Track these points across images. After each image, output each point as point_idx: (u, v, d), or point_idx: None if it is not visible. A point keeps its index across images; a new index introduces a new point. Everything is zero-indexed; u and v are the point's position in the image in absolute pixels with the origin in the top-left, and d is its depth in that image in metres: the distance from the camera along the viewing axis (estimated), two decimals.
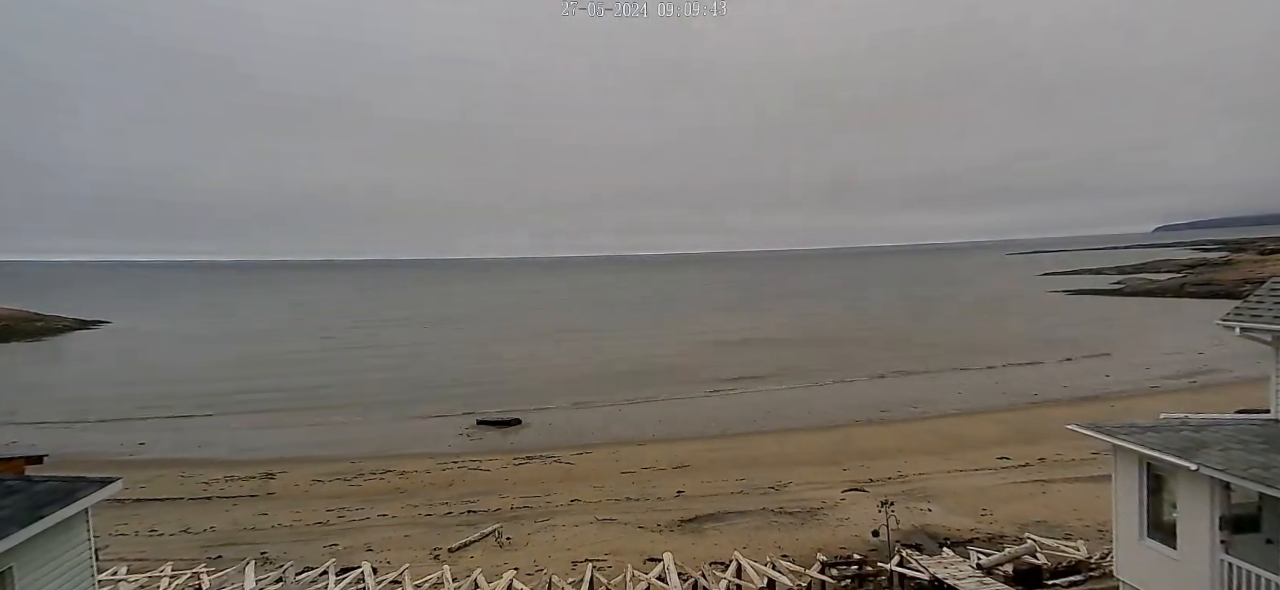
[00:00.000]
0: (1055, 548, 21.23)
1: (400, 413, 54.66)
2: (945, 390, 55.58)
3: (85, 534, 11.82)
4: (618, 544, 24.73)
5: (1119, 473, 14.87)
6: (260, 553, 25.05)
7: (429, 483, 36.24)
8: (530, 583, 21.02)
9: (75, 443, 45.76)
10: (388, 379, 69.28)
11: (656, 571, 21.00)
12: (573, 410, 54.00)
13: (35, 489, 11.35)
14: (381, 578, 21.69)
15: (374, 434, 48.36)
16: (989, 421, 44.60)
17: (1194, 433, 13.92)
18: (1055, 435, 35.37)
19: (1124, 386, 53.17)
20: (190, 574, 22.00)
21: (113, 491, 11.94)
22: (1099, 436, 14.89)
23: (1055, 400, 49.93)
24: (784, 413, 50.90)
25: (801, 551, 22.68)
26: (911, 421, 46.56)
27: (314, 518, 30.41)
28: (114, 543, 26.13)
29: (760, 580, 19.78)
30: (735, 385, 61.88)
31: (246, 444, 46.48)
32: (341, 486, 35.93)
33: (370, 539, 26.51)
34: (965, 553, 21.42)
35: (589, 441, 44.30)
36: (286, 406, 57.67)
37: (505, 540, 25.71)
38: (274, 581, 21.79)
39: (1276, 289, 14.39)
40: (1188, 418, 15.61)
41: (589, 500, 31.22)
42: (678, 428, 47.85)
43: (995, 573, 19.57)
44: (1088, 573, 19.41)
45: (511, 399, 57.26)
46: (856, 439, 41.95)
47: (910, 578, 19.70)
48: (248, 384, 67.44)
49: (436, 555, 24.29)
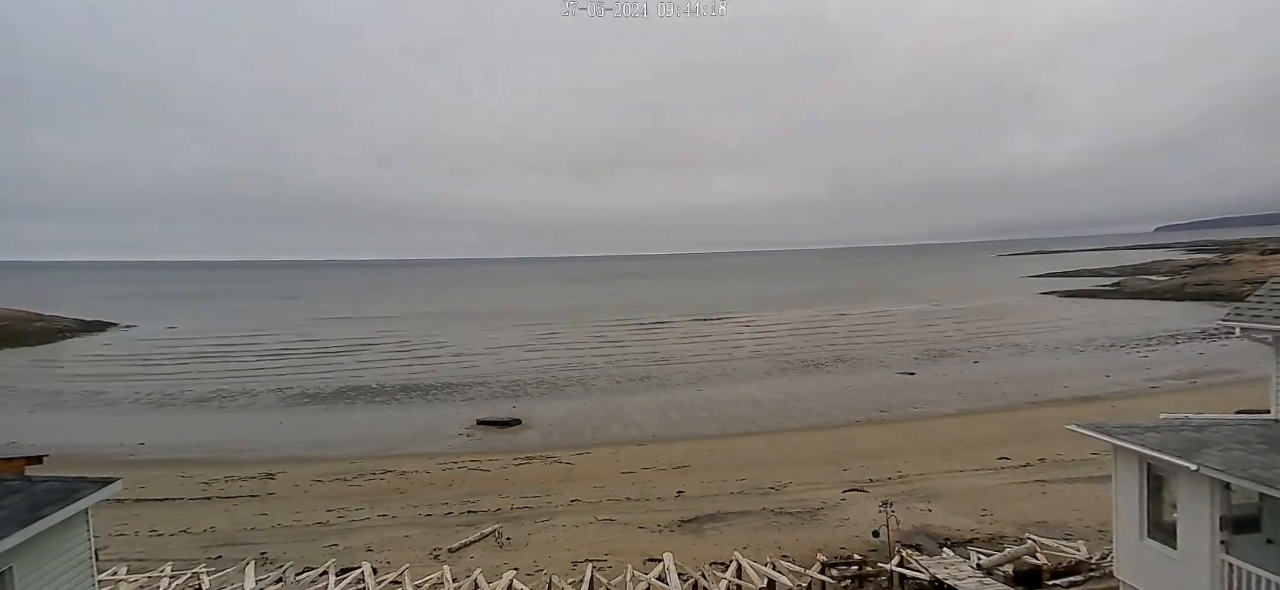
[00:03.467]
0: (1055, 548, 21.21)
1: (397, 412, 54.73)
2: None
3: (85, 534, 11.83)
4: (618, 544, 24.73)
5: (1119, 473, 14.88)
6: (260, 553, 25.03)
7: (429, 483, 36.24)
8: (530, 583, 21.01)
9: (75, 443, 45.74)
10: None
11: (656, 571, 20.99)
12: (573, 410, 54.02)
13: (35, 489, 11.35)
14: (381, 578, 21.67)
15: (374, 434, 48.37)
16: (989, 421, 44.60)
17: (1194, 433, 13.93)
18: (1055, 435, 35.36)
19: (1124, 386, 53.19)
20: (190, 574, 21.99)
21: (113, 491, 11.94)
22: (1099, 436, 14.90)
23: (1055, 400, 49.92)
24: (784, 413, 50.93)
25: (801, 552, 22.67)
26: (911, 421, 46.57)
27: (314, 518, 30.39)
28: (114, 543, 26.14)
29: (760, 580, 19.77)
30: (733, 383, 62.05)
31: (247, 444, 46.50)
32: (341, 486, 35.93)
33: (370, 539, 26.49)
34: (965, 553, 21.42)
35: (589, 441, 44.33)
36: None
37: (505, 540, 25.70)
38: (274, 581, 21.78)
39: (1276, 289, 14.40)
40: (1188, 418, 15.62)
41: (589, 500, 31.22)
42: (678, 428, 47.87)
43: (995, 573, 19.57)
44: (1088, 573, 19.41)
45: (511, 399, 57.30)
46: (856, 439, 41.94)
47: (910, 578, 19.69)
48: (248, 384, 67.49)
49: (436, 555, 24.28)
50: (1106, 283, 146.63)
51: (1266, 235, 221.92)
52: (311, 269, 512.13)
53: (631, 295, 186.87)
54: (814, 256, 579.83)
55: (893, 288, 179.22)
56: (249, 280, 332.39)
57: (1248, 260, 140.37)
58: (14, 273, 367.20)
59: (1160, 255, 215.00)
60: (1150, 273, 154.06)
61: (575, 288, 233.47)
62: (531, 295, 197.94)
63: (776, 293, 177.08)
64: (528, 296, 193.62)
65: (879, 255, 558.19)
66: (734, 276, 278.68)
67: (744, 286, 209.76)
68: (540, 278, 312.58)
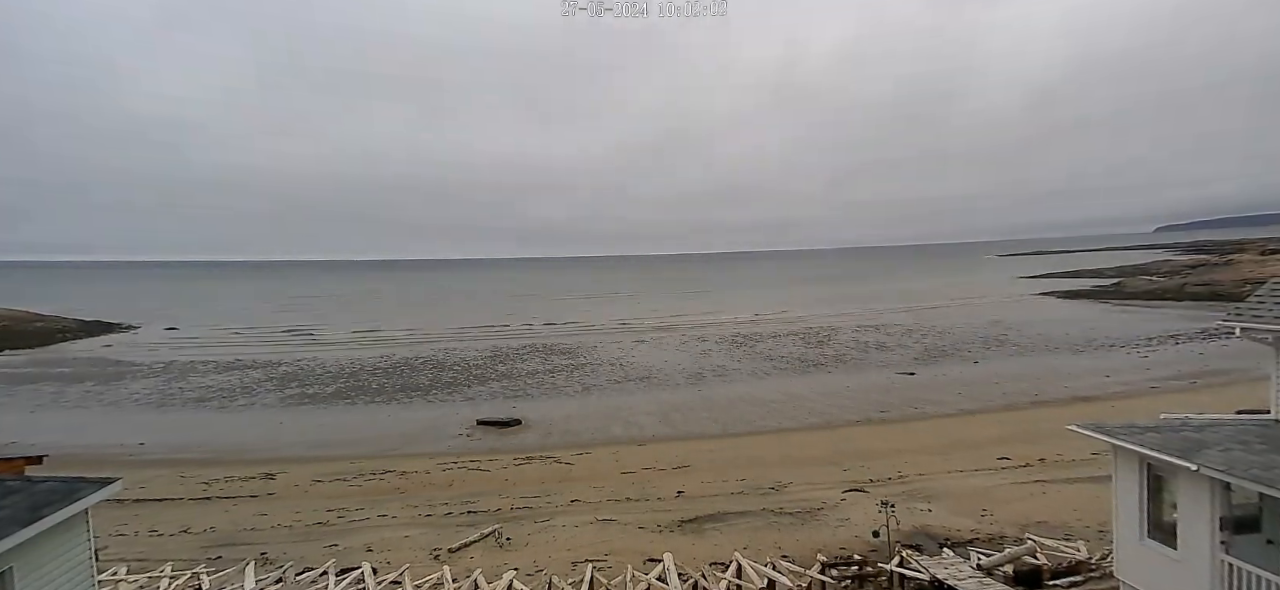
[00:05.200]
0: (1055, 548, 21.21)
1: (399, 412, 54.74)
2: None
3: (85, 534, 11.83)
4: (618, 544, 24.71)
5: (1119, 473, 14.88)
6: (260, 553, 25.03)
7: (429, 483, 36.24)
8: (530, 583, 21.01)
9: (75, 443, 45.74)
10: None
11: (656, 572, 20.99)
12: (573, 410, 54.02)
13: (35, 489, 11.35)
14: (381, 578, 21.67)
15: (374, 434, 48.36)
16: (989, 421, 44.60)
17: (1194, 433, 13.92)
18: (1055, 435, 35.37)
19: (1124, 386, 53.17)
20: (190, 574, 21.99)
21: (113, 492, 11.94)
22: (1099, 436, 14.90)
23: (1055, 400, 49.93)
24: (784, 412, 50.92)
25: (801, 552, 22.66)
26: (911, 421, 46.57)
27: (314, 518, 30.39)
28: (114, 543, 26.15)
29: (760, 581, 19.77)
30: (732, 382, 62.05)
31: (247, 444, 46.50)
32: (341, 486, 35.93)
33: (370, 539, 26.48)
34: (965, 553, 21.41)
35: (589, 441, 44.32)
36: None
37: (505, 540, 25.69)
38: (274, 581, 21.77)
39: (1276, 289, 14.40)
40: (1188, 418, 15.61)
41: (589, 500, 31.21)
42: (678, 428, 47.86)
43: (995, 573, 19.57)
44: (1088, 573, 19.40)
45: (511, 399, 57.30)
46: (856, 439, 41.94)
47: (910, 578, 19.69)
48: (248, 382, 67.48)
49: (436, 555, 24.27)
50: (1106, 283, 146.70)
51: (1266, 235, 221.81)
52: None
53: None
54: (815, 256, 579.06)
55: (891, 288, 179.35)
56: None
57: (1248, 260, 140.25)
58: (13, 273, 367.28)
59: (1160, 255, 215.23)
60: (1150, 273, 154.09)
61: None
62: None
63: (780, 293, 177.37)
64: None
65: (880, 256, 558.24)
66: (737, 276, 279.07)
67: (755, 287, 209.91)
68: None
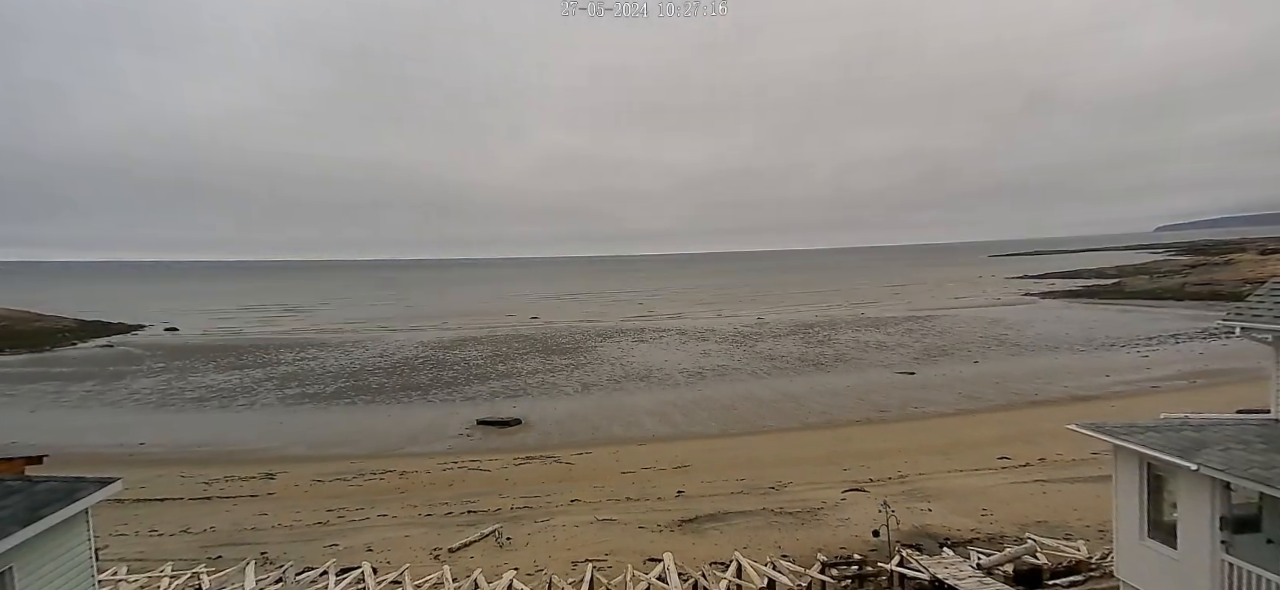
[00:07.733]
0: (1055, 548, 21.20)
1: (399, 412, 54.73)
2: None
3: (85, 534, 11.81)
4: (618, 544, 24.70)
5: (1119, 473, 14.87)
6: (260, 553, 25.02)
7: (429, 483, 36.24)
8: (530, 583, 20.99)
9: (75, 443, 45.75)
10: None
11: (656, 571, 20.97)
12: (573, 410, 54.02)
13: (35, 489, 11.34)
14: (381, 578, 21.65)
15: (374, 434, 48.36)
16: (989, 421, 44.61)
17: (1194, 433, 13.91)
18: (1055, 435, 35.39)
19: (1124, 386, 53.19)
20: (190, 574, 21.97)
21: (113, 491, 11.93)
22: (1099, 436, 14.89)
23: (1055, 400, 49.94)
24: (784, 412, 50.92)
25: (801, 551, 22.65)
26: (911, 421, 46.58)
27: (314, 518, 30.37)
28: (114, 543, 26.11)
29: (760, 580, 19.76)
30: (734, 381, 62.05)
31: (247, 444, 46.50)
32: (341, 486, 35.93)
33: (370, 539, 26.47)
34: (965, 553, 21.40)
35: (589, 441, 44.32)
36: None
37: (505, 540, 25.68)
38: (274, 581, 21.75)
39: (1276, 289, 14.39)
40: (1188, 418, 15.60)
41: (589, 500, 31.19)
42: (678, 427, 47.87)
43: (995, 573, 19.55)
44: (1088, 573, 19.40)
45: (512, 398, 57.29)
46: (856, 439, 41.94)
47: (910, 578, 19.68)
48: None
49: (436, 555, 24.26)
50: (1106, 282, 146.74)
51: (1266, 235, 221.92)
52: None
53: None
54: (822, 255, 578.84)
55: (891, 288, 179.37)
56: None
57: (1248, 260, 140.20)
58: (13, 273, 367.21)
59: (1160, 255, 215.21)
60: (1150, 273, 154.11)
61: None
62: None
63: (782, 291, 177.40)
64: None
65: (879, 255, 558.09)
66: (737, 275, 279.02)
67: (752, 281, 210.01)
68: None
